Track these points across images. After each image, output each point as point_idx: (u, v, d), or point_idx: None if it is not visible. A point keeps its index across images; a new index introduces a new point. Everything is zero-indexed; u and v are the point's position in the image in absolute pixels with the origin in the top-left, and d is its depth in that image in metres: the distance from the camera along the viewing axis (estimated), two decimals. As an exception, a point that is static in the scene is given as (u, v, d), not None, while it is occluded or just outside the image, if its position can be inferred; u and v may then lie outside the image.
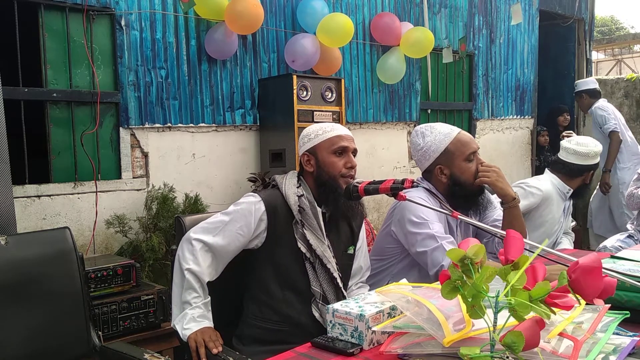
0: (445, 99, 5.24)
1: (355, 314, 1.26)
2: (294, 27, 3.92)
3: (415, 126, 4.31)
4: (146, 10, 3.24)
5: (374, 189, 1.61)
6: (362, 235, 1.99)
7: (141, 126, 3.25)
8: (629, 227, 3.52)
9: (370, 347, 1.25)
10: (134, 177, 3.24)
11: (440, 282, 1.03)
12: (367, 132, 4.53)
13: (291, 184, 1.84)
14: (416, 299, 1.20)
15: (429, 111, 5.07)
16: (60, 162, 3.01)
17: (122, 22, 3.15)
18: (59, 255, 1.84)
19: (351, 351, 1.22)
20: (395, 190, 1.58)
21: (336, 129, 1.86)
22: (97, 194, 3.06)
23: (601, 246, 3.34)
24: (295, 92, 3.48)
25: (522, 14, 5.48)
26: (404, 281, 1.47)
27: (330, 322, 1.32)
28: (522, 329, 0.89)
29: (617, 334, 1.15)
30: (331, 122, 2.47)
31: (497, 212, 2.11)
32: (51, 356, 1.76)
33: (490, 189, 2.04)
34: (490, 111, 5.69)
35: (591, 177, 3.02)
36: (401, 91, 4.75)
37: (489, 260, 1.02)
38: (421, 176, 2.12)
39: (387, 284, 1.52)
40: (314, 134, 1.85)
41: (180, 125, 3.41)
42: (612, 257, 1.66)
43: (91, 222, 3.04)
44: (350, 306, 1.31)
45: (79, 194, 3.02)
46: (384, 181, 1.61)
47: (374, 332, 1.25)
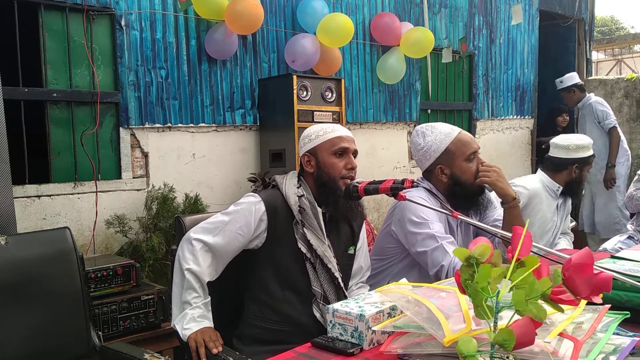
0: (445, 99, 5.24)
1: (355, 314, 1.26)
2: (294, 27, 3.92)
3: (415, 126, 4.31)
4: (146, 10, 3.24)
5: (374, 189, 1.61)
6: (363, 235, 1.99)
7: (141, 126, 3.25)
8: (629, 227, 3.51)
9: (370, 347, 1.25)
10: (134, 177, 3.24)
11: (456, 282, 1.03)
12: (367, 132, 4.53)
13: (291, 184, 1.84)
14: (416, 299, 1.20)
15: (429, 111, 5.07)
16: (60, 162, 3.02)
17: (122, 22, 3.15)
18: (59, 255, 1.83)
19: (351, 351, 1.22)
20: (395, 190, 1.58)
21: (337, 130, 1.86)
22: (97, 194, 3.06)
23: (601, 248, 3.34)
24: (295, 92, 3.48)
25: (522, 14, 5.47)
26: (404, 281, 1.47)
27: (330, 322, 1.32)
28: (514, 327, 0.89)
29: (617, 334, 1.15)
30: (332, 123, 2.46)
31: (497, 212, 2.11)
32: (51, 356, 1.76)
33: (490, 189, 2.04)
34: (490, 111, 5.69)
35: (581, 173, 2.96)
36: (401, 91, 4.75)
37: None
38: (421, 176, 2.12)
39: (388, 284, 1.52)
40: (315, 135, 1.85)
41: (180, 125, 3.41)
42: (612, 257, 1.67)
43: (91, 222, 3.04)
44: (350, 306, 1.31)
45: (79, 194, 3.02)
46: (384, 181, 1.61)
47: (374, 332, 1.25)
